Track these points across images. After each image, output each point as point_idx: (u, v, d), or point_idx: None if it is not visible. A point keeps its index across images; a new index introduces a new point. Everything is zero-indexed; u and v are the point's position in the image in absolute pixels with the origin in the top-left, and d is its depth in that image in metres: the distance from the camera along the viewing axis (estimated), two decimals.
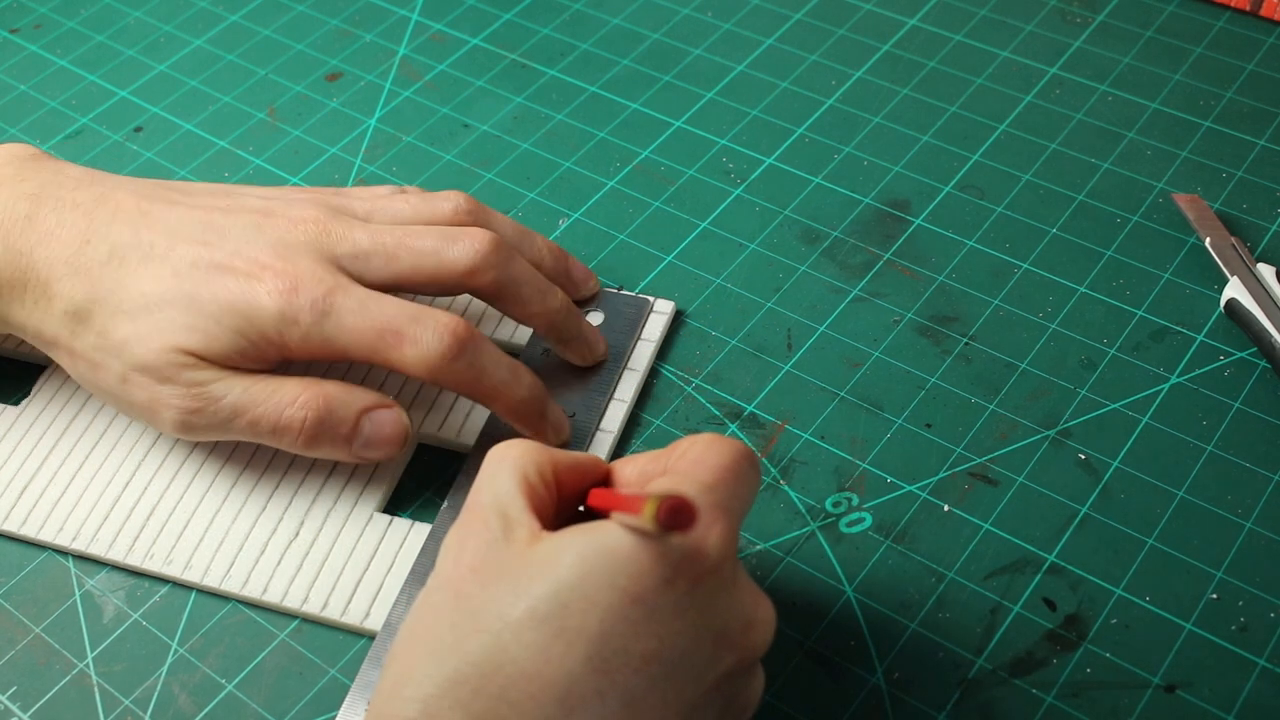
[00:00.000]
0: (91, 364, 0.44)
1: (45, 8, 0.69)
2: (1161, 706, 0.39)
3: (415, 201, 0.47)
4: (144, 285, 0.43)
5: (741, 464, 0.36)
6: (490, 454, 0.37)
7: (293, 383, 0.43)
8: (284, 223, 0.44)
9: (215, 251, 0.43)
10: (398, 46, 0.65)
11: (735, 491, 0.35)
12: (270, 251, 0.43)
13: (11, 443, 0.48)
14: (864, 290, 0.51)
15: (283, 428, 0.43)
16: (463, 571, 0.34)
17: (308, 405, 0.43)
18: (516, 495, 0.35)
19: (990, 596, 0.42)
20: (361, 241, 0.44)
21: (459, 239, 0.44)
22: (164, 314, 0.42)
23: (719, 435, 0.36)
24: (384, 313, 0.42)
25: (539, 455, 0.36)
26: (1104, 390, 0.47)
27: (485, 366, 0.43)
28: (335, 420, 0.43)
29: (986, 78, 0.60)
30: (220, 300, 0.42)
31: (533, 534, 0.34)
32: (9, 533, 0.46)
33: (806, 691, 0.40)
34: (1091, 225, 0.53)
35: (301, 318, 0.42)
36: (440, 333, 0.42)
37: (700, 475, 0.35)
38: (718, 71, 0.61)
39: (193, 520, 0.45)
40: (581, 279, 0.50)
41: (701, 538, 0.33)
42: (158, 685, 0.42)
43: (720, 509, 0.34)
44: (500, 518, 0.35)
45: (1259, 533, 0.43)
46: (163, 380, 0.42)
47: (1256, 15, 0.61)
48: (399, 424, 0.44)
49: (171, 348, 0.42)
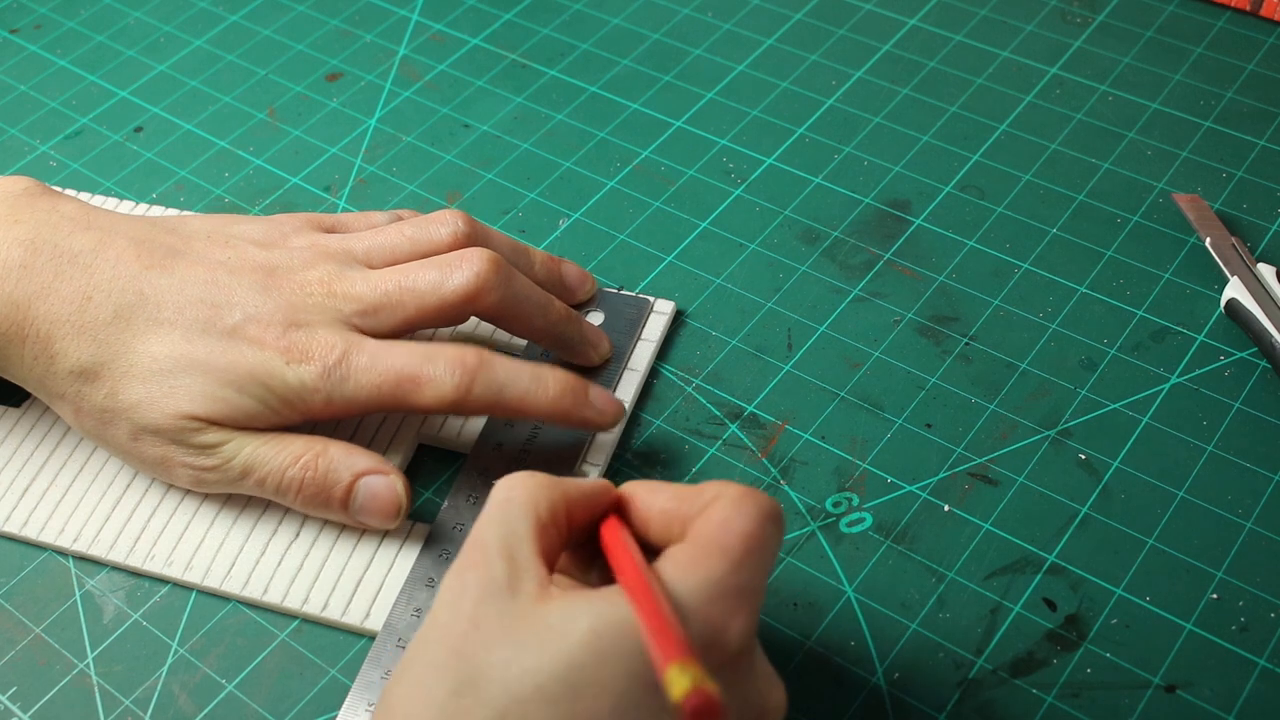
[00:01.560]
0: (100, 422, 0.44)
1: (45, 8, 0.69)
2: (1162, 706, 0.39)
3: (411, 232, 0.46)
4: (153, 349, 0.43)
5: (767, 529, 0.34)
6: (498, 487, 0.35)
7: (299, 442, 0.43)
8: (289, 286, 0.44)
9: (225, 316, 0.43)
10: (398, 46, 0.65)
11: (761, 563, 0.33)
12: (280, 318, 0.43)
13: (13, 444, 0.48)
14: (864, 290, 0.51)
15: (284, 488, 0.43)
16: (463, 625, 0.32)
17: (307, 466, 0.43)
18: (527, 538, 0.33)
19: (990, 596, 0.42)
20: (366, 296, 0.44)
21: (457, 268, 0.44)
22: (179, 380, 0.43)
23: (745, 491, 0.34)
24: (396, 361, 0.42)
25: (552, 491, 0.35)
26: (1104, 390, 0.47)
27: (503, 385, 0.42)
28: (330, 482, 0.43)
29: (987, 78, 0.60)
30: (239, 370, 0.43)
31: (541, 586, 0.33)
32: (10, 534, 0.46)
33: (806, 691, 0.40)
34: (1092, 225, 0.53)
35: (321, 385, 0.42)
36: (451, 368, 0.42)
37: (726, 544, 0.33)
38: (718, 71, 0.61)
39: (193, 521, 0.45)
40: (577, 283, 0.50)
41: (723, 627, 0.32)
42: (158, 685, 0.42)
43: (744, 595, 0.32)
44: (507, 561, 0.33)
45: (1259, 533, 0.43)
46: (175, 441, 0.43)
47: (1256, 15, 0.61)
48: (391, 492, 0.43)
49: (186, 414, 0.43)
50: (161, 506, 0.46)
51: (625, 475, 0.46)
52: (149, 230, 0.46)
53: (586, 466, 0.46)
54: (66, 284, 0.44)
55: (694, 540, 0.34)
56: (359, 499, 0.43)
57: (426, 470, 0.47)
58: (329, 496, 0.43)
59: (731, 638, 0.32)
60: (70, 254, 0.44)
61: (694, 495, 0.35)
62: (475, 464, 0.46)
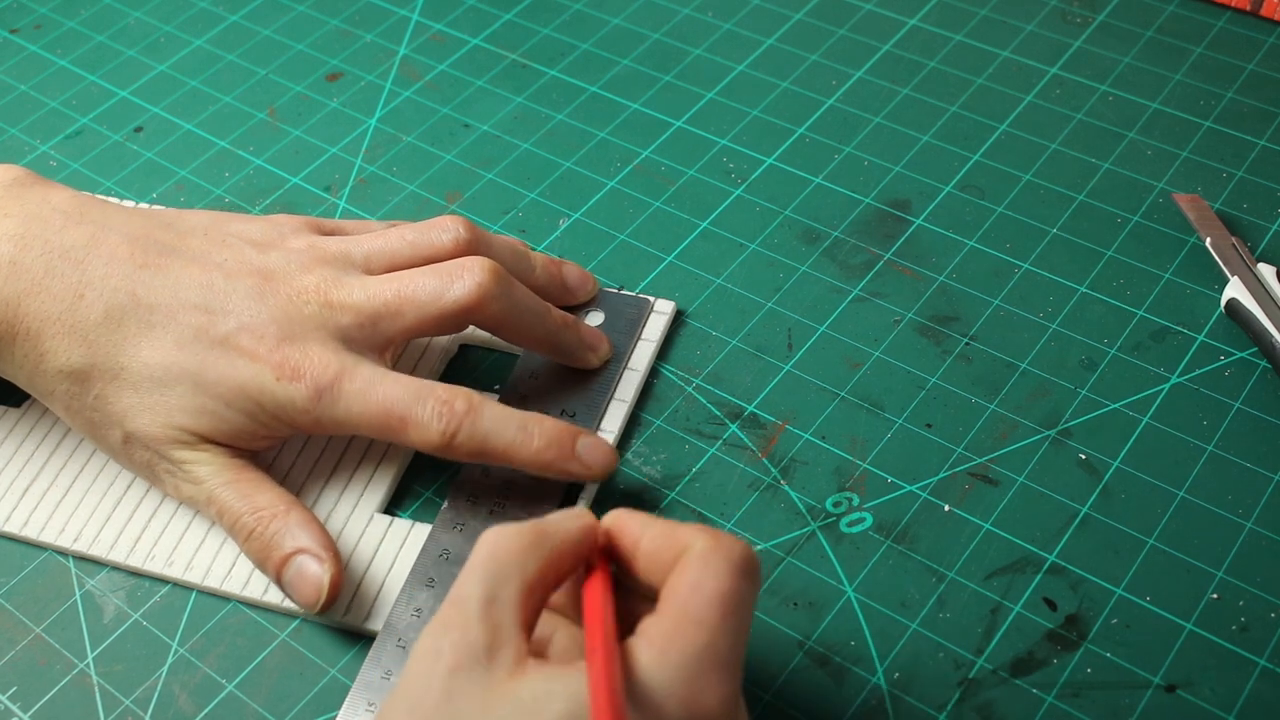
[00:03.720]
0: (90, 423, 0.44)
1: (45, 8, 0.69)
2: (1162, 706, 0.39)
3: (413, 237, 0.46)
4: (144, 354, 0.43)
5: (741, 587, 0.33)
6: (485, 540, 0.34)
7: (267, 495, 0.43)
8: (286, 294, 0.44)
9: (219, 323, 0.43)
10: (398, 46, 0.65)
11: (737, 626, 0.32)
12: (275, 329, 0.43)
13: (13, 445, 0.48)
14: (864, 290, 0.51)
15: (236, 531, 0.43)
16: (435, 696, 0.31)
17: (260, 521, 0.42)
18: (511, 604, 0.32)
19: (990, 596, 0.42)
20: (364, 307, 0.44)
21: (458, 277, 0.44)
22: (170, 391, 0.43)
23: (713, 545, 0.33)
24: (387, 397, 0.42)
25: (540, 551, 0.34)
26: (1104, 390, 0.47)
27: (487, 434, 0.42)
28: (272, 546, 0.42)
29: (987, 78, 0.60)
30: (229, 383, 0.42)
31: (519, 658, 0.32)
32: (10, 534, 0.46)
33: (806, 691, 0.40)
34: (1092, 225, 0.53)
35: (311, 408, 0.42)
36: (439, 412, 0.42)
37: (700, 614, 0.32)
38: (718, 71, 0.61)
39: (194, 522, 0.45)
40: (578, 285, 0.50)
41: (704, 703, 0.31)
42: (158, 685, 0.42)
43: (723, 666, 0.32)
44: (487, 629, 0.32)
45: (1259, 533, 0.43)
46: (160, 456, 0.43)
47: (1256, 15, 0.61)
48: (313, 579, 0.42)
49: (175, 426, 0.43)
50: (162, 507, 0.46)
51: (625, 475, 0.46)
52: (144, 225, 0.45)
53: None
54: (58, 281, 0.43)
55: (667, 610, 0.32)
56: (289, 572, 0.42)
57: (426, 470, 0.47)
58: (266, 558, 0.42)
59: (713, 711, 0.31)
60: (62, 249, 0.44)
61: (670, 539, 0.34)
62: (475, 464, 0.46)
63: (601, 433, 0.47)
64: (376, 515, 0.45)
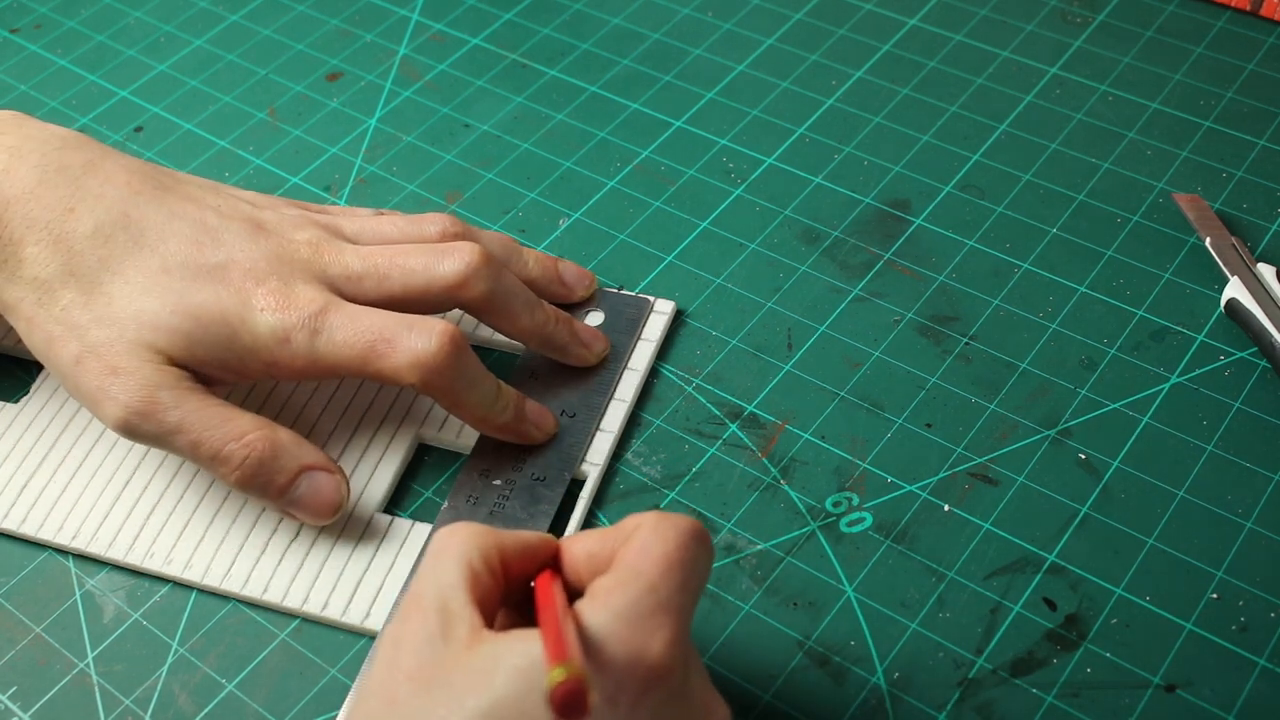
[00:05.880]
0: (49, 337, 0.42)
1: (45, 8, 0.69)
2: (1162, 706, 0.39)
3: (402, 224, 0.47)
4: (128, 271, 0.42)
5: (690, 548, 0.34)
6: (434, 539, 0.35)
7: (246, 419, 0.42)
8: (279, 239, 0.44)
9: (209, 254, 0.43)
10: (398, 46, 0.65)
11: (683, 583, 0.33)
12: (265, 265, 0.43)
13: (11, 441, 0.48)
14: (864, 290, 0.51)
15: (223, 458, 0.42)
16: (398, 676, 0.32)
17: (253, 445, 0.42)
18: (459, 587, 0.33)
19: (990, 596, 0.42)
20: (354, 264, 0.44)
21: (449, 254, 0.44)
22: (146, 307, 0.42)
23: (665, 516, 0.35)
24: (376, 323, 0.42)
25: (484, 540, 0.35)
26: (1104, 390, 0.47)
27: (472, 379, 0.43)
28: (275, 468, 0.42)
29: (987, 78, 0.60)
30: (210, 310, 0.42)
31: (473, 632, 0.32)
32: (8, 531, 0.46)
33: (806, 691, 0.40)
34: (1091, 225, 0.53)
35: (294, 336, 0.42)
36: (437, 335, 0.42)
37: (644, 568, 0.33)
38: (718, 71, 0.61)
39: (193, 519, 0.45)
40: (575, 280, 0.50)
41: (644, 646, 0.32)
42: (158, 685, 0.42)
43: (665, 611, 0.32)
44: (440, 613, 0.33)
45: (1259, 533, 0.43)
46: (116, 373, 0.41)
47: (1256, 15, 0.61)
48: (336, 492, 0.43)
49: (144, 344, 0.41)
50: (161, 504, 0.46)
51: (625, 475, 0.46)
52: (143, 165, 0.46)
53: (587, 466, 0.46)
54: (50, 192, 0.43)
55: (613, 571, 0.34)
56: (300, 490, 0.42)
57: (426, 470, 0.47)
58: (268, 481, 0.42)
59: (655, 656, 0.32)
60: (58, 165, 0.43)
61: (617, 532, 0.35)
62: (475, 464, 0.46)
63: (601, 433, 0.47)
64: (376, 515, 0.45)
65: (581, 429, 0.46)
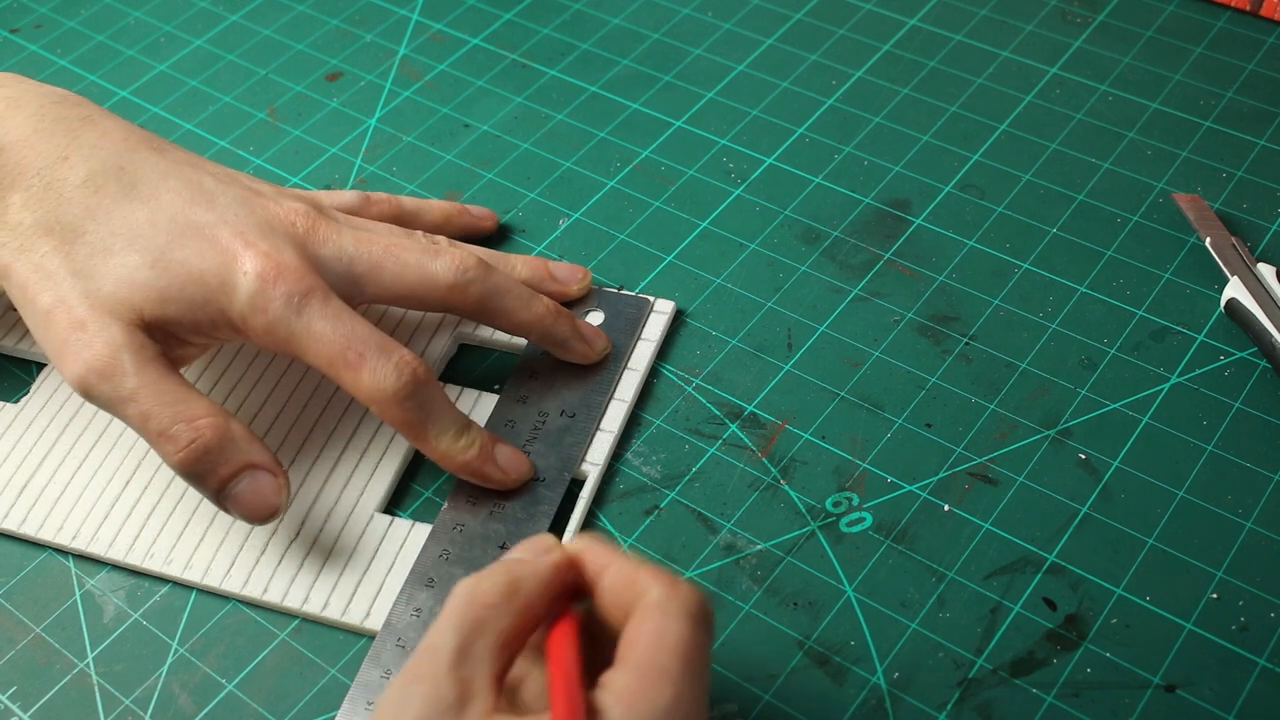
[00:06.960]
0: (23, 285, 0.42)
1: (45, 8, 0.69)
2: (1162, 706, 0.39)
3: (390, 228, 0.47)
4: (114, 221, 0.41)
5: (700, 635, 0.33)
6: (459, 593, 0.33)
7: (203, 403, 0.41)
8: (274, 208, 0.43)
9: (200, 214, 0.42)
10: (398, 46, 0.65)
11: (701, 675, 0.32)
12: (256, 231, 0.42)
13: (11, 441, 0.48)
14: (864, 290, 0.51)
15: (170, 436, 0.40)
16: None
17: (202, 430, 0.40)
18: (485, 659, 0.32)
19: (990, 596, 0.42)
20: (347, 246, 0.44)
21: (441, 254, 0.44)
22: (126, 259, 0.41)
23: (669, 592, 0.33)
24: (355, 331, 0.41)
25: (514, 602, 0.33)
26: (1104, 390, 0.47)
27: (433, 413, 0.42)
28: (220, 458, 0.40)
29: (987, 78, 0.60)
30: (191, 268, 0.41)
31: (486, 713, 0.31)
32: (8, 531, 0.46)
33: (806, 691, 0.40)
34: (1091, 225, 0.53)
35: (272, 307, 0.41)
36: (401, 369, 0.41)
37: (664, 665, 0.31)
38: (718, 71, 0.61)
39: (193, 519, 0.45)
40: (568, 276, 0.50)
41: None
42: (158, 685, 0.42)
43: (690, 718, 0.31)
44: (457, 683, 0.31)
45: (1259, 533, 0.43)
46: (83, 327, 0.40)
47: (1256, 15, 0.61)
48: (276, 495, 0.41)
49: (117, 299, 0.41)
50: (161, 504, 0.46)
51: (625, 475, 0.46)
52: (140, 130, 0.46)
53: (587, 466, 0.46)
54: (45, 140, 0.42)
55: (630, 661, 0.32)
56: (240, 486, 0.41)
57: (426, 470, 0.47)
58: (210, 469, 0.40)
59: None
60: (56, 116, 0.43)
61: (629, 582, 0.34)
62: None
63: (601, 433, 0.47)
64: (376, 515, 0.45)
65: (581, 429, 0.46)
